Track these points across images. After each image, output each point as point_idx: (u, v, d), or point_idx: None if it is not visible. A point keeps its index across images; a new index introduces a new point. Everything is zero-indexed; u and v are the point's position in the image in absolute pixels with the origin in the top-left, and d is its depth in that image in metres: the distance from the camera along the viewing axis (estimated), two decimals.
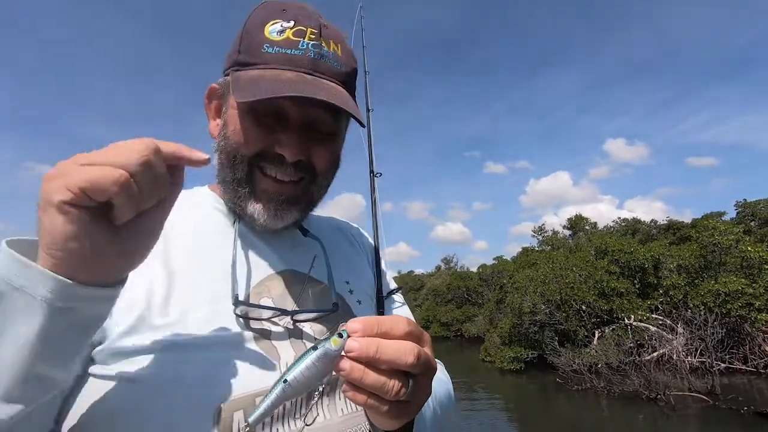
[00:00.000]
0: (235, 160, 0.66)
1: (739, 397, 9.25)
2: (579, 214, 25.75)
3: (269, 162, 0.66)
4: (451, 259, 41.88)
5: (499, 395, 11.81)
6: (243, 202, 0.68)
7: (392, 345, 0.43)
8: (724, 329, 11.22)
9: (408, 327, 0.45)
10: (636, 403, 9.74)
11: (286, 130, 0.65)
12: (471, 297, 27.18)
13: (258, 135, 0.65)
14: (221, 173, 0.69)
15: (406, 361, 0.42)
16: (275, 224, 0.69)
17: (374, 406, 0.43)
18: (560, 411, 10.15)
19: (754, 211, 20.95)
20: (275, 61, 0.64)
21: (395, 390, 0.42)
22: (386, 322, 0.44)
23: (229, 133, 0.66)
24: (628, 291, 13.26)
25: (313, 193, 0.72)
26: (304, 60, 0.64)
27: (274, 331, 0.63)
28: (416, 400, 0.47)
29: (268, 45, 0.64)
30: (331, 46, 0.68)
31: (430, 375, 0.48)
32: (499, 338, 15.83)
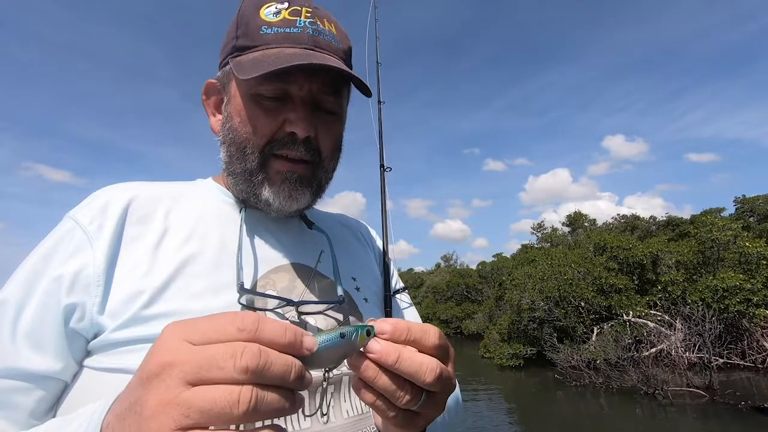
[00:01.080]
0: (245, 151, 0.65)
1: (737, 392, 9.30)
2: (578, 211, 25.82)
3: (280, 145, 0.65)
4: (451, 257, 42.03)
5: (499, 391, 11.85)
6: (257, 190, 0.67)
7: (416, 359, 0.40)
8: (722, 325, 11.23)
9: (438, 341, 0.43)
10: (634, 399, 9.79)
11: (294, 109, 0.64)
12: (470, 294, 27.20)
13: (267, 120, 0.64)
14: (230, 166, 0.68)
15: (425, 380, 0.40)
16: (290, 206, 0.67)
17: (381, 409, 0.41)
18: (559, 407, 10.18)
19: (753, 206, 20.96)
20: (275, 40, 0.64)
21: (406, 400, 0.41)
22: (417, 331, 0.42)
23: (237, 125, 0.66)
24: (627, 287, 13.27)
25: (321, 178, 0.71)
26: (304, 37, 0.64)
27: None
28: (427, 414, 0.45)
29: (266, 26, 0.64)
30: (326, 25, 0.68)
31: (447, 393, 0.45)
32: (498, 335, 15.86)
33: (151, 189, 0.67)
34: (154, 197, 0.66)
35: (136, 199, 0.63)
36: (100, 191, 0.64)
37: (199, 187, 0.76)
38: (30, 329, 0.53)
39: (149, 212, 0.63)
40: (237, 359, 0.31)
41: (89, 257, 0.56)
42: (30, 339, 0.53)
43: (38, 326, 0.53)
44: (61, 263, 0.56)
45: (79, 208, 0.61)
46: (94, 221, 0.59)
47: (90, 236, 0.58)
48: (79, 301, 0.54)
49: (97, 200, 0.62)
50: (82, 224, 0.59)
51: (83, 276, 0.55)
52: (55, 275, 0.55)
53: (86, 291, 0.55)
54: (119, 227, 0.60)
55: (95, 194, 0.64)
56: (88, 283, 0.55)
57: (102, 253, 0.56)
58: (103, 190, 0.65)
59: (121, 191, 0.64)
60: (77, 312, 0.54)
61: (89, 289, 0.55)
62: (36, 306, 0.54)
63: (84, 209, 0.61)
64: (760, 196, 20.98)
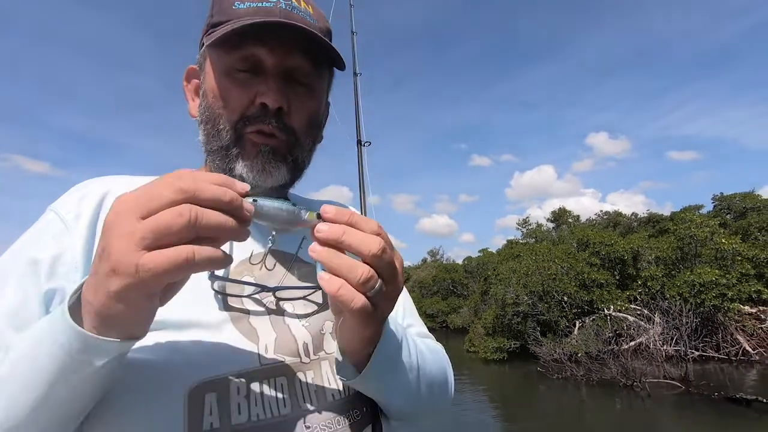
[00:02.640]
0: (219, 126, 0.66)
1: (711, 383, 9.62)
2: (562, 207, 26.18)
3: (252, 120, 0.65)
4: (438, 252, 42.23)
5: (483, 384, 12.03)
6: (232, 164, 0.66)
7: (360, 234, 0.44)
8: (699, 319, 11.60)
9: (378, 229, 0.46)
10: (613, 390, 10.05)
11: (266, 80, 0.64)
12: (456, 289, 27.46)
13: (238, 93, 0.64)
14: (208, 144, 0.68)
15: (370, 250, 0.43)
16: (264, 180, 0.66)
17: (346, 295, 0.43)
18: (541, 399, 10.39)
19: (730, 204, 21.50)
20: (247, 14, 0.63)
21: (364, 275, 0.43)
22: (358, 216, 0.46)
23: (210, 101, 0.66)
24: (608, 282, 13.58)
25: (297, 155, 0.70)
26: (275, 10, 0.64)
27: (253, 310, 0.62)
28: (382, 307, 0.48)
29: (239, 2, 0.64)
30: (302, 4, 0.68)
31: (395, 285, 0.48)
32: (483, 329, 16.05)
33: (129, 181, 0.68)
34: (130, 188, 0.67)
35: (112, 191, 0.65)
36: (79, 184, 0.67)
37: None
38: (12, 311, 0.53)
39: None
40: (172, 185, 0.38)
41: (67, 243, 0.58)
42: (13, 320, 0.53)
43: (22, 309, 0.53)
44: (40, 249, 0.57)
45: (59, 201, 0.64)
46: (72, 211, 0.61)
47: (68, 225, 0.59)
48: (58, 287, 0.55)
49: (76, 192, 0.64)
50: (60, 214, 0.60)
51: (62, 261, 0.56)
52: (34, 258, 0.56)
53: (65, 276, 0.56)
54: (95, 217, 0.61)
55: (75, 187, 0.66)
56: (67, 269, 0.56)
57: (80, 239, 0.58)
58: (81, 183, 0.67)
59: (98, 184, 0.66)
60: (57, 297, 0.55)
61: (68, 275, 0.56)
62: (16, 289, 0.54)
63: (62, 201, 0.63)
64: (737, 194, 21.54)
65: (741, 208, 20.32)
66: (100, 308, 0.39)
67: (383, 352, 0.56)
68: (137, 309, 0.40)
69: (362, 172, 0.85)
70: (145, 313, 0.42)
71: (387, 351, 0.57)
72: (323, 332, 0.66)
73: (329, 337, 0.66)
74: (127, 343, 0.43)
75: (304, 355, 0.62)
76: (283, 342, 0.61)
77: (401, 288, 0.50)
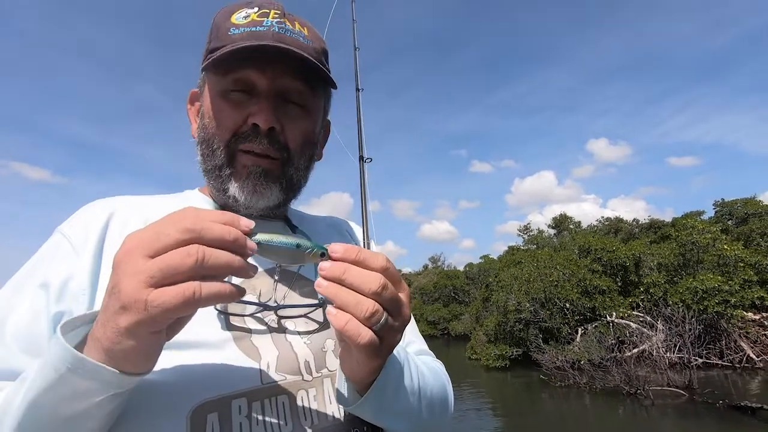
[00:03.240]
0: (213, 146, 0.68)
1: (715, 391, 9.50)
2: (563, 213, 26.20)
3: (245, 139, 0.66)
4: (439, 258, 42.18)
5: (485, 392, 11.91)
6: (225, 185, 0.68)
7: (361, 272, 0.45)
8: (702, 325, 11.50)
9: (386, 264, 0.46)
10: (617, 398, 9.95)
11: (258, 101, 0.66)
12: (458, 296, 27.35)
13: (231, 113, 0.66)
14: (204, 164, 0.70)
15: (369, 288, 0.44)
16: (256, 201, 0.68)
17: (353, 331, 0.44)
18: (544, 407, 10.30)
19: (732, 210, 21.48)
20: (241, 38, 0.65)
21: (370, 310, 0.44)
22: (366, 253, 0.46)
23: (206, 122, 0.69)
24: (610, 289, 13.51)
25: (291, 174, 0.71)
26: (268, 33, 0.66)
27: (255, 329, 0.62)
28: (388, 339, 0.48)
29: (234, 28, 0.66)
30: (297, 26, 0.69)
31: (401, 318, 0.48)
32: (485, 336, 15.97)
33: (133, 202, 0.70)
34: (135, 209, 0.68)
35: (117, 211, 0.66)
36: (86, 206, 0.68)
37: (183, 198, 0.77)
38: (22, 334, 0.54)
39: (129, 223, 0.65)
40: (179, 225, 0.40)
41: (75, 267, 0.58)
42: (22, 343, 0.54)
43: (32, 332, 0.55)
44: (49, 271, 0.58)
45: (67, 223, 0.65)
46: (79, 234, 0.62)
47: (75, 248, 0.60)
48: (66, 309, 0.56)
49: (83, 214, 0.66)
50: (68, 236, 0.62)
51: (70, 284, 0.57)
52: (44, 281, 0.57)
53: (74, 299, 0.57)
54: (101, 239, 0.62)
55: (82, 209, 0.67)
56: (74, 292, 0.57)
57: (87, 262, 0.59)
58: (88, 205, 0.68)
59: (105, 205, 0.67)
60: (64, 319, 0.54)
61: (76, 297, 0.57)
62: (26, 312, 0.56)
63: (70, 223, 0.64)
64: (739, 199, 21.53)
65: (743, 214, 20.29)
66: (108, 344, 0.40)
67: (385, 380, 0.57)
68: (145, 344, 0.41)
69: (364, 187, 0.85)
70: (152, 349, 0.43)
71: (389, 378, 0.57)
72: (325, 350, 0.66)
73: (331, 354, 0.66)
74: (132, 377, 0.43)
75: (306, 373, 0.62)
76: (284, 360, 0.62)
77: (408, 320, 0.50)
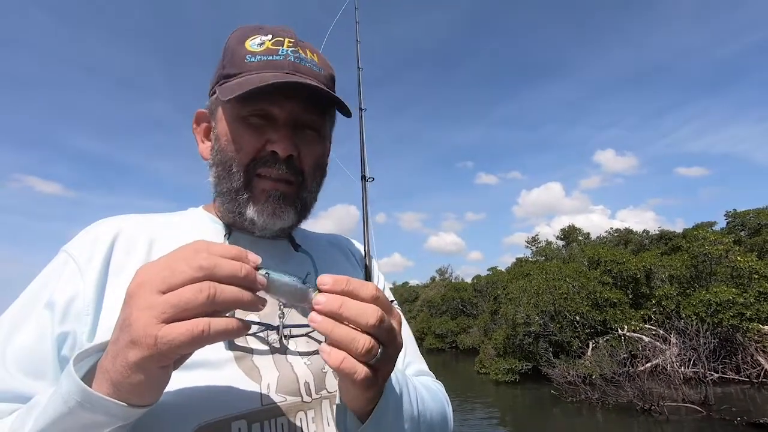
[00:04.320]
0: (231, 169, 0.68)
1: (732, 407, 9.26)
2: (572, 225, 25.97)
3: (263, 164, 0.68)
4: (446, 270, 41.94)
5: (495, 407, 11.73)
6: (242, 208, 0.69)
7: (357, 305, 0.45)
8: (717, 339, 11.26)
9: (376, 293, 0.47)
10: (630, 415, 9.72)
11: (276, 129, 0.67)
12: (466, 308, 27.11)
13: (250, 138, 0.67)
14: (218, 186, 0.71)
15: (368, 321, 0.44)
16: (274, 224, 0.69)
17: (349, 368, 0.44)
18: (556, 423, 10.08)
19: (744, 221, 21.17)
20: (258, 67, 0.67)
21: (366, 346, 0.44)
22: (355, 283, 0.46)
23: (223, 145, 0.69)
24: (621, 301, 13.32)
25: (305, 198, 0.73)
26: (285, 63, 0.68)
27: (257, 349, 0.63)
28: (383, 370, 0.48)
29: (250, 55, 0.68)
30: (308, 54, 0.72)
31: (395, 346, 0.48)
32: (493, 350, 15.78)
33: (139, 221, 0.71)
34: (140, 229, 0.69)
35: (123, 231, 0.66)
36: (91, 226, 0.68)
37: (188, 216, 0.78)
38: (25, 355, 0.55)
39: (134, 243, 0.66)
40: (191, 261, 0.41)
41: (80, 287, 0.59)
42: (25, 364, 0.54)
43: (35, 353, 0.55)
44: (55, 291, 0.58)
45: (72, 242, 0.65)
46: (84, 253, 0.62)
47: (80, 267, 0.60)
48: (70, 330, 0.56)
49: (88, 234, 0.66)
50: (73, 256, 0.62)
51: (74, 305, 0.57)
52: (50, 301, 0.57)
53: (77, 319, 0.57)
54: (107, 258, 0.62)
55: (86, 229, 0.68)
56: (78, 312, 0.57)
57: (91, 282, 0.59)
58: (94, 224, 0.68)
59: (110, 225, 0.67)
60: (69, 340, 0.56)
61: (80, 317, 0.57)
62: (31, 332, 0.56)
63: (76, 243, 0.65)
64: (751, 210, 21.22)
65: (755, 225, 19.98)
66: (117, 377, 0.40)
67: (385, 408, 0.57)
68: (153, 378, 0.41)
69: (366, 207, 0.85)
70: (160, 382, 0.44)
71: (388, 406, 0.57)
72: (325, 371, 0.66)
73: (331, 375, 0.66)
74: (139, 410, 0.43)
75: (306, 394, 0.63)
76: (285, 381, 0.62)
77: (401, 347, 0.50)
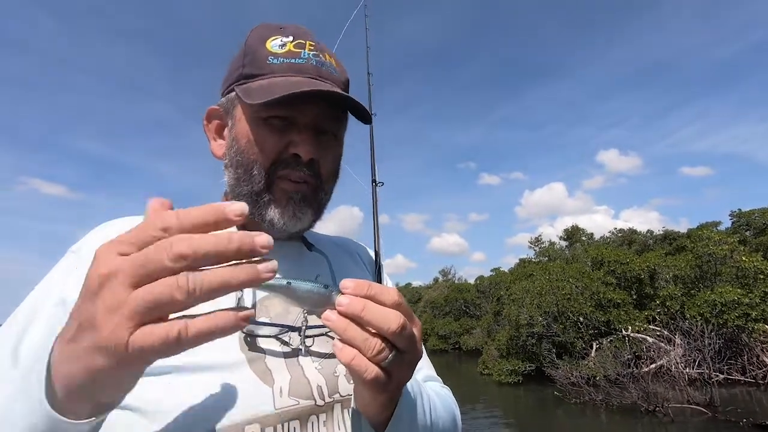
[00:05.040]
0: (252, 171, 0.67)
1: (738, 408, 9.17)
2: (575, 225, 25.91)
3: (284, 166, 0.67)
4: (449, 271, 41.89)
5: (498, 409, 11.66)
6: (263, 210, 0.68)
7: (379, 309, 0.43)
8: (722, 340, 11.18)
9: (399, 299, 0.46)
10: (635, 416, 9.64)
11: (299, 132, 0.67)
12: (469, 309, 27.05)
13: (273, 141, 0.67)
14: (237, 188, 0.70)
15: (389, 327, 0.43)
16: (294, 225, 0.69)
17: (359, 366, 0.43)
18: (560, 425, 10.03)
19: (749, 220, 21.04)
20: (281, 70, 0.67)
21: (377, 348, 0.43)
22: (377, 287, 0.45)
23: (243, 146, 0.68)
24: (625, 302, 13.24)
25: (321, 199, 0.74)
26: (309, 67, 0.68)
27: (269, 350, 0.62)
28: (397, 375, 0.47)
29: (273, 57, 0.68)
30: (327, 57, 0.72)
31: (414, 354, 0.48)
32: (496, 351, 15.73)
33: None
34: None
35: None
36: (99, 227, 0.69)
37: None
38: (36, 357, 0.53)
39: None
40: (168, 250, 0.32)
41: None
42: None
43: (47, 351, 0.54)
44: (67, 288, 0.58)
45: (80, 243, 0.66)
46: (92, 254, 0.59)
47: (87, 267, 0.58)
48: None
49: (95, 235, 0.66)
50: (80, 257, 0.62)
51: None
52: (61, 298, 0.58)
53: None
54: None
55: (95, 229, 0.68)
56: None
57: None
58: (101, 226, 0.69)
59: (118, 226, 0.67)
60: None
61: None
62: (42, 333, 0.56)
63: (82, 243, 0.65)
64: (756, 210, 21.07)
65: (761, 225, 19.86)
66: (77, 382, 0.35)
67: (400, 419, 0.56)
68: (118, 384, 0.37)
69: (376, 211, 0.84)
70: (125, 386, 0.39)
71: (403, 416, 0.57)
72: (336, 374, 0.65)
73: (343, 379, 0.66)
74: (99, 417, 0.40)
75: (319, 398, 0.62)
76: (297, 385, 0.61)
77: (420, 356, 0.49)
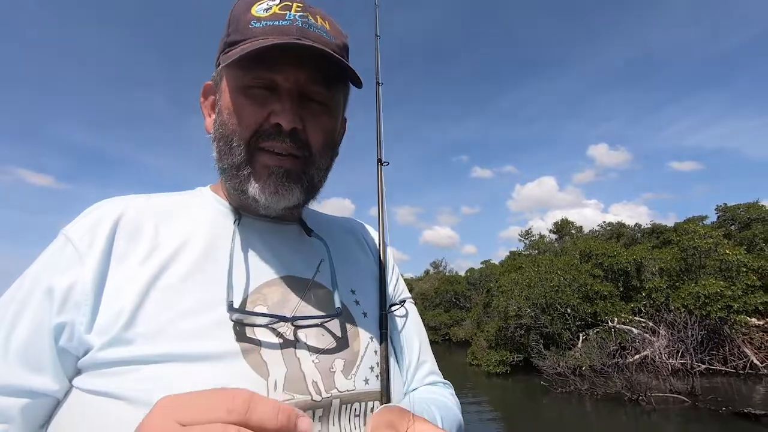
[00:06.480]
0: (232, 143, 0.64)
1: (718, 397, 9.41)
2: (565, 219, 26.15)
3: (266, 137, 0.63)
4: (440, 263, 42.10)
5: (486, 398, 11.85)
6: (244, 185, 0.65)
7: None
8: (704, 331, 11.44)
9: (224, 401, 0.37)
10: (619, 405, 9.86)
11: (280, 99, 0.63)
12: (459, 301, 27.28)
13: (252, 110, 0.63)
14: (220, 162, 0.67)
15: None
16: (277, 202, 0.65)
17: None
18: (545, 413, 10.21)
19: (734, 215, 21.36)
20: (263, 33, 0.63)
21: None
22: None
23: (225, 118, 0.65)
24: (612, 294, 13.46)
25: (312, 175, 0.68)
26: (292, 28, 0.63)
27: (265, 341, 0.59)
28: None
29: (255, 21, 0.64)
30: (319, 20, 0.67)
31: None
32: (485, 342, 15.90)
33: (143, 203, 0.67)
34: (144, 212, 0.65)
35: (126, 214, 0.63)
36: (92, 206, 0.65)
37: (194, 197, 0.74)
38: (24, 349, 0.54)
39: (139, 228, 0.62)
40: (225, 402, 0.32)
41: (79, 274, 0.56)
42: (24, 358, 0.53)
43: (34, 346, 0.54)
44: (55, 278, 0.56)
45: (72, 225, 0.62)
46: (85, 238, 0.59)
47: (80, 253, 0.57)
48: (68, 320, 0.54)
49: (89, 216, 0.62)
50: (73, 240, 0.59)
51: (73, 293, 0.55)
52: (49, 288, 0.55)
53: (76, 309, 0.54)
54: (108, 244, 0.59)
55: (88, 209, 0.64)
56: (77, 301, 0.54)
57: (91, 270, 0.56)
58: (95, 206, 0.65)
59: (112, 207, 0.64)
60: (66, 331, 0.54)
61: (79, 307, 0.54)
62: (29, 325, 0.54)
63: (76, 225, 0.61)
64: (741, 204, 21.42)
65: (745, 219, 20.18)
66: None
67: None
68: None
69: (381, 193, 0.80)
70: None
71: None
72: (333, 370, 0.63)
73: (340, 374, 0.63)
74: None
75: (315, 393, 0.59)
76: (292, 378, 0.59)
77: None
